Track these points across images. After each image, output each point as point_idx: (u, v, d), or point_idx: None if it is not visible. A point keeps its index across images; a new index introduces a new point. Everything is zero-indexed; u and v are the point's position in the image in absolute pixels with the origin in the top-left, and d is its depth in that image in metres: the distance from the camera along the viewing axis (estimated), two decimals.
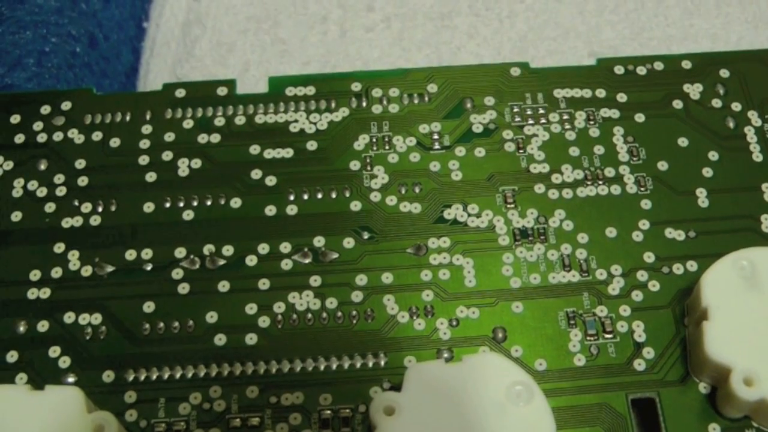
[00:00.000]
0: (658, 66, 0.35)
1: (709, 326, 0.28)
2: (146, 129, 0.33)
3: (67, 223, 0.32)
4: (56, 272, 0.31)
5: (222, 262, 0.31)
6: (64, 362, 0.29)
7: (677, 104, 0.34)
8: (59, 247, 0.31)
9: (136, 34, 0.41)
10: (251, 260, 0.31)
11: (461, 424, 0.27)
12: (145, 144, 0.33)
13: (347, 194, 0.32)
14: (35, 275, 0.31)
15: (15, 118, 0.33)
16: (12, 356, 0.29)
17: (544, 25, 0.40)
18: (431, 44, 0.40)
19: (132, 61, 0.40)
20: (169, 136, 0.33)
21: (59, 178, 0.32)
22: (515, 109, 0.34)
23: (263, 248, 0.31)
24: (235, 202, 0.32)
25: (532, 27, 0.40)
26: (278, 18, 0.40)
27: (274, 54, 0.39)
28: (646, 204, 0.32)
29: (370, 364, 0.29)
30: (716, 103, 0.34)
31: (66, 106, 0.34)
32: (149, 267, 0.31)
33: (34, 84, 0.37)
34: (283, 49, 0.39)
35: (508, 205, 0.32)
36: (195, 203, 0.32)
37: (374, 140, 0.33)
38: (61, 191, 0.32)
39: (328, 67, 0.39)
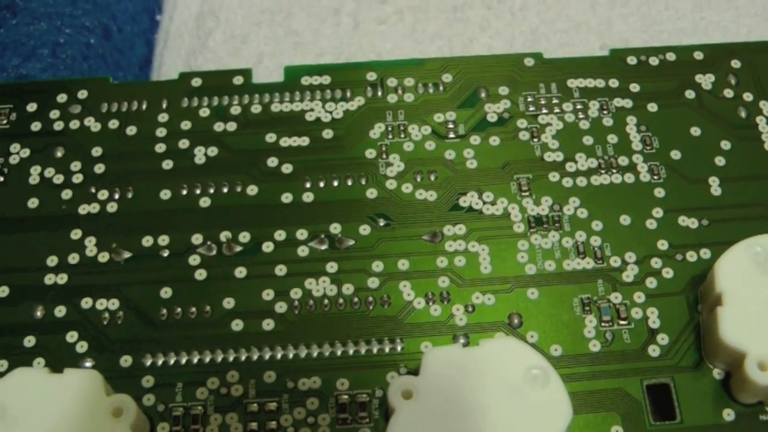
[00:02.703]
0: (671, 57, 0.35)
1: (723, 311, 0.29)
2: (162, 117, 0.33)
3: (84, 209, 0.32)
4: (73, 258, 0.31)
5: (239, 248, 0.31)
6: (82, 347, 0.30)
7: (690, 94, 0.34)
8: (76, 234, 0.31)
9: (150, 27, 0.41)
10: (268, 247, 0.31)
11: (478, 407, 0.27)
12: (161, 132, 0.33)
13: (363, 182, 0.32)
14: (52, 261, 0.31)
15: (32, 107, 0.34)
16: (29, 341, 0.30)
17: (556, 17, 0.41)
18: (444, 36, 0.40)
19: (146, 53, 0.40)
20: (186, 125, 0.33)
21: (76, 166, 0.33)
22: (529, 99, 0.34)
23: (280, 235, 0.31)
24: (252, 190, 0.32)
25: (544, 20, 0.40)
26: (292, 10, 0.40)
27: (288, 46, 0.39)
28: (659, 192, 0.32)
29: (387, 350, 0.30)
30: (728, 93, 0.34)
31: (82, 94, 0.34)
32: (166, 253, 0.31)
33: (49, 74, 0.37)
34: (296, 41, 0.39)
35: (523, 193, 0.32)
36: (212, 191, 0.32)
37: (390, 129, 0.33)
38: (77, 178, 0.32)
39: (341, 59, 0.39)
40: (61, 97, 0.34)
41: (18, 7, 0.38)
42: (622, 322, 0.30)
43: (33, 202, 0.32)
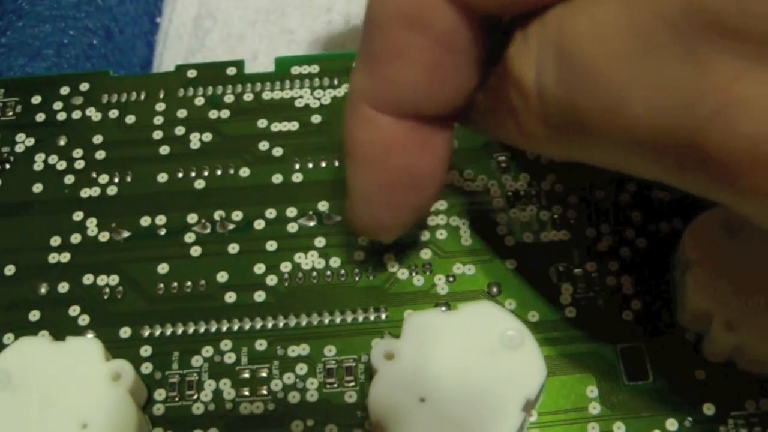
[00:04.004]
0: None
1: (692, 276, 0.30)
2: (160, 106, 0.35)
3: (85, 193, 0.33)
4: (75, 238, 0.32)
5: (232, 226, 0.33)
6: (84, 320, 0.31)
7: None
8: (78, 215, 0.33)
9: (150, 29, 0.42)
10: (259, 224, 0.33)
11: (456, 367, 0.28)
12: (158, 120, 0.35)
13: None
14: (55, 241, 0.32)
15: (36, 99, 0.35)
16: (34, 315, 0.31)
17: None
18: None
19: (146, 54, 0.42)
20: (182, 113, 0.35)
21: (78, 153, 0.34)
22: None
23: (270, 213, 0.33)
24: (244, 172, 0.34)
25: None
26: (285, 9, 0.41)
27: (282, 43, 0.41)
28: None
29: (372, 318, 0.31)
30: None
31: (84, 87, 0.35)
32: (163, 232, 0.33)
33: (54, 73, 0.38)
34: (290, 38, 0.41)
35: (502, 171, 0.33)
36: (206, 173, 0.34)
37: None
38: (79, 164, 0.34)
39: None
40: (64, 90, 0.35)
41: (24, 11, 0.40)
42: (596, 289, 0.31)
43: (38, 187, 0.33)
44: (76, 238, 0.32)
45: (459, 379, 0.28)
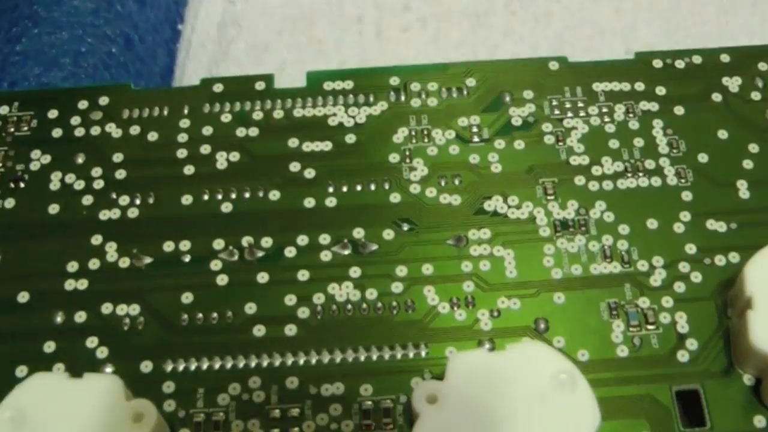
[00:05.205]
0: (697, 60, 0.34)
1: (753, 315, 0.28)
2: (184, 123, 0.33)
3: (104, 215, 0.32)
4: (94, 264, 0.31)
5: (261, 253, 0.31)
6: (102, 352, 0.29)
7: (716, 97, 0.34)
8: (96, 239, 0.31)
9: (172, 37, 0.41)
10: (290, 252, 0.31)
11: (504, 412, 0.26)
12: (183, 138, 0.33)
13: (386, 186, 0.32)
14: (72, 267, 0.31)
15: (52, 113, 0.34)
16: (49, 347, 0.29)
17: (580, 23, 0.40)
18: (467, 43, 0.40)
19: (167, 63, 0.40)
20: (207, 130, 0.33)
21: (97, 171, 0.32)
22: (554, 102, 0.34)
23: (302, 240, 0.31)
24: (274, 195, 0.32)
25: (569, 26, 0.40)
26: (313, 18, 0.40)
27: (311, 54, 0.39)
28: (686, 196, 0.32)
29: (411, 355, 0.29)
30: (755, 96, 0.34)
31: (103, 101, 0.34)
32: (187, 258, 0.31)
33: (71, 83, 0.37)
34: (318, 49, 0.39)
35: (548, 197, 0.32)
36: (233, 196, 0.32)
37: (413, 133, 0.33)
38: (98, 184, 0.32)
39: (364, 66, 0.39)
40: (82, 104, 0.34)
41: (40, 17, 0.38)
42: (650, 327, 0.30)
43: (54, 208, 0.32)
44: (94, 264, 0.31)
45: (507, 425, 0.26)
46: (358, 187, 0.32)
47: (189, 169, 0.32)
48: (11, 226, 0.32)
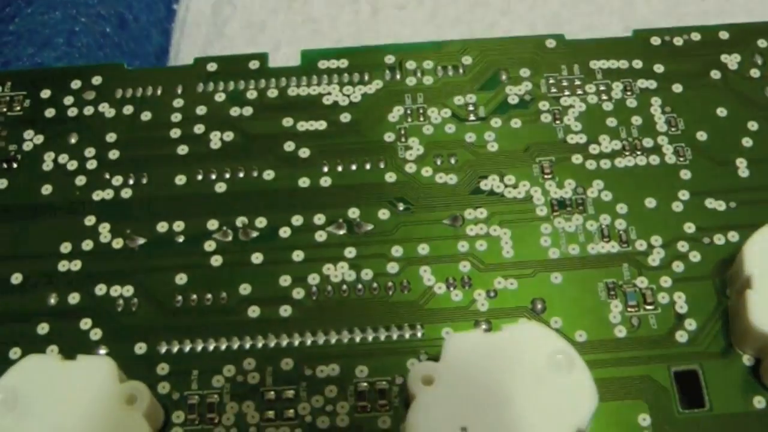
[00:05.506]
0: (695, 37, 0.34)
1: (752, 295, 0.28)
2: (177, 103, 0.33)
3: (98, 195, 0.31)
4: (87, 245, 0.31)
5: (255, 234, 0.31)
6: (96, 334, 0.29)
7: (715, 74, 0.33)
8: (90, 220, 0.31)
9: (166, 16, 0.41)
10: (285, 232, 0.31)
11: (500, 393, 0.26)
12: (176, 117, 0.33)
13: (382, 165, 0.32)
14: (66, 248, 0.31)
15: (45, 93, 0.33)
16: (43, 328, 0.29)
17: (578, 1, 0.40)
18: (464, 21, 0.39)
19: (162, 43, 0.40)
20: (201, 110, 0.33)
21: (90, 152, 0.32)
22: (551, 81, 0.33)
23: (297, 220, 0.31)
24: (268, 174, 0.32)
25: (566, 3, 0.40)
26: None
27: (306, 33, 0.39)
28: (685, 174, 0.31)
29: (407, 336, 0.29)
30: (754, 73, 0.33)
31: (97, 80, 0.34)
32: (181, 239, 0.31)
33: (64, 63, 0.37)
34: (314, 28, 0.39)
35: (545, 176, 0.31)
36: (227, 176, 0.32)
37: (408, 112, 0.33)
38: (91, 164, 0.32)
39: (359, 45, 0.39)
40: (75, 84, 0.33)
41: None
42: (648, 307, 0.29)
43: (46, 189, 0.32)
44: (87, 245, 0.31)
45: (504, 406, 0.26)
46: (353, 167, 0.32)
47: (183, 149, 0.32)
48: (4, 207, 0.31)
